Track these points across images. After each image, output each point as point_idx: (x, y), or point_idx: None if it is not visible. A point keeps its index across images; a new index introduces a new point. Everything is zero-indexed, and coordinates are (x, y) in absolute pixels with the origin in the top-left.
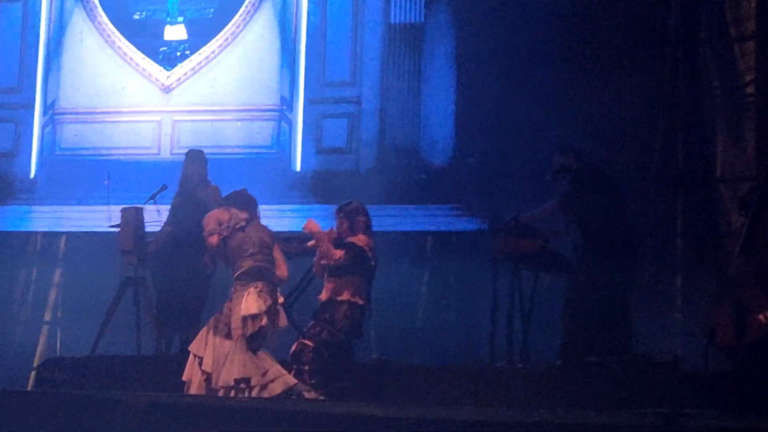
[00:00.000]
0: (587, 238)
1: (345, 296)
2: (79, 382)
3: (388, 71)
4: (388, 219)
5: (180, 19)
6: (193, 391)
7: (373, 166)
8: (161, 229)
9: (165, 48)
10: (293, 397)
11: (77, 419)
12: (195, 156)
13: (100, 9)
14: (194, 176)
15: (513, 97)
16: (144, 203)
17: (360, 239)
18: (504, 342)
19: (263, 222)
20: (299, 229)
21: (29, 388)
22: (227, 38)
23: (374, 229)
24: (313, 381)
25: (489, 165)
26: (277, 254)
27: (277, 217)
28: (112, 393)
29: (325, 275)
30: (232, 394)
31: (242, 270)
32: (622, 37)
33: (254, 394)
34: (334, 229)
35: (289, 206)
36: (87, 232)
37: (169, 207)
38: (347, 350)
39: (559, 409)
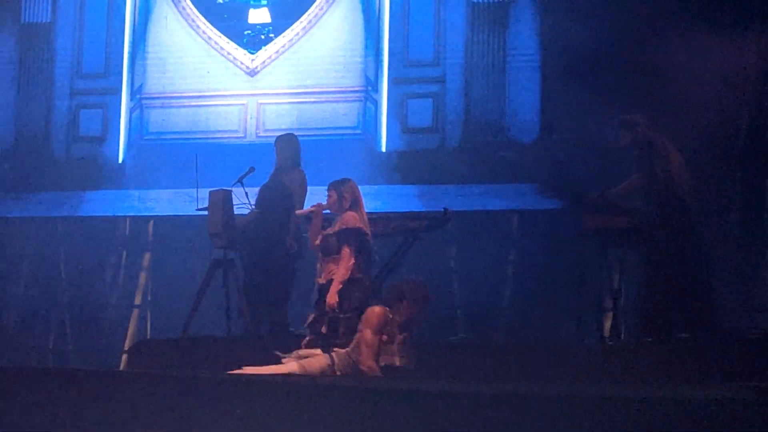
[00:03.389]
0: (664, 211)
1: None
2: (169, 363)
3: (473, 49)
4: (474, 198)
5: (263, 2)
6: None
7: (459, 145)
8: (249, 212)
9: (249, 31)
10: None
11: (169, 399)
12: (282, 139)
13: None
14: (284, 160)
15: (598, 72)
16: (232, 186)
17: (349, 218)
18: (592, 319)
19: None
20: (385, 209)
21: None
22: (311, 20)
23: (460, 209)
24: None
25: (575, 142)
26: None
27: (363, 198)
28: (204, 372)
29: (320, 257)
30: None
31: None
32: (710, 11)
33: None
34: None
35: (375, 187)
36: (175, 215)
37: (257, 189)
38: (355, 327)
39: (651, 385)
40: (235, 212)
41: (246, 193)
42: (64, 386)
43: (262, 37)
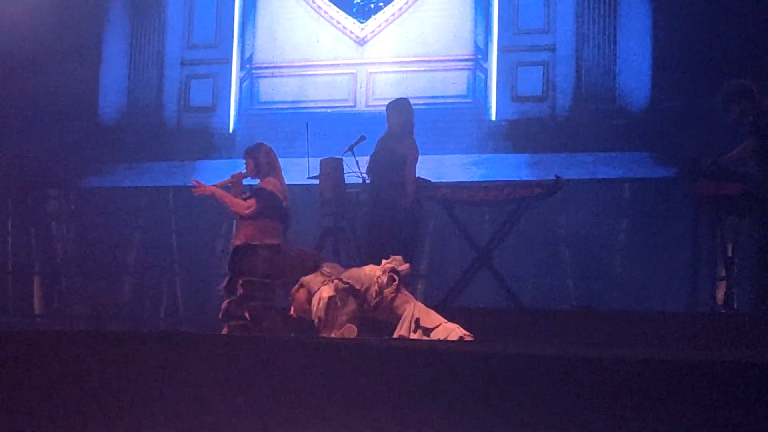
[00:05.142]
0: None
1: (261, 240)
2: (278, 331)
3: (583, 17)
4: (585, 167)
5: None
6: None
7: (569, 114)
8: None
9: (358, 0)
10: None
11: (277, 362)
12: (394, 105)
13: None
14: (395, 126)
15: (712, 38)
16: (342, 154)
17: (267, 182)
18: (706, 288)
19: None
20: (495, 178)
21: None
22: None
23: (571, 177)
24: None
25: (687, 109)
26: None
27: (473, 166)
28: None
29: (238, 219)
30: None
31: None
32: None
33: None
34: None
35: (485, 155)
36: (285, 184)
37: (368, 158)
38: (270, 292)
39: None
40: (347, 181)
41: (357, 161)
42: (176, 351)
43: (372, 5)
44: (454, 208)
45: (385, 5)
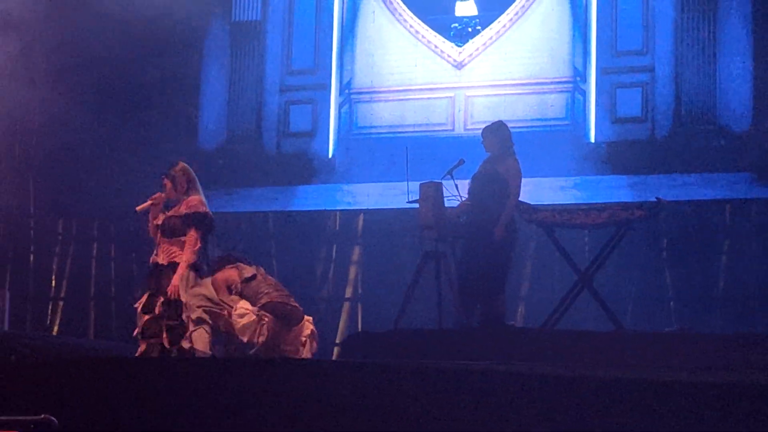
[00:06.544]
0: None
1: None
2: (382, 356)
3: (682, 38)
4: (686, 188)
5: None
6: None
7: (669, 135)
8: (460, 203)
9: (456, 24)
10: None
11: (383, 388)
12: (489, 128)
13: None
14: (491, 148)
15: None
16: (441, 178)
17: (194, 202)
18: None
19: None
20: (594, 200)
21: None
22: (518, 12)
23: (671, 199)
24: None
25: None
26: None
27: (573, 189)
28: (422, 361)
29: (159, 238)
30: None
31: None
32: None
33: None
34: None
35: (584, 178)
36: (384, 209)
37: (466, 181)
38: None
39: None
40: (446, 204)
41: (456, 185)
42: (275, 376)
43: (469, 29)
44: (553, 231)
45: (483, 29)
